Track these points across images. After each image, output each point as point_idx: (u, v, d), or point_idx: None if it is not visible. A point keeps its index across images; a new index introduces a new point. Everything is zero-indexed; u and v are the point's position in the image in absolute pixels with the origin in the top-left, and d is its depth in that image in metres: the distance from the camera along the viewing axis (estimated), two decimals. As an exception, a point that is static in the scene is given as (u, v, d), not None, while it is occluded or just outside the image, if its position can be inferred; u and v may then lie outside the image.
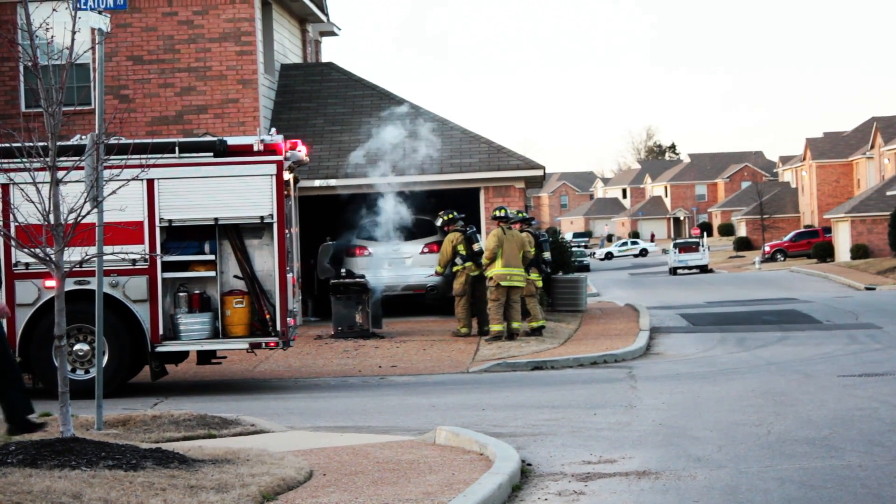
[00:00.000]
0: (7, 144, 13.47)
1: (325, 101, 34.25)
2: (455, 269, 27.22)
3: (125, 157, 14.30)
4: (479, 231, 30.52)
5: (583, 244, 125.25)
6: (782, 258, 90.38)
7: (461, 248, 27.13)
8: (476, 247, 27.30)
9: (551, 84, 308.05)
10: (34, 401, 18.31)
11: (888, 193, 78.45)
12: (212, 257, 19.79)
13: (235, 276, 19.93)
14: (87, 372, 19.52)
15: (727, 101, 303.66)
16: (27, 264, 19.06)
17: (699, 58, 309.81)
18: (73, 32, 12.61)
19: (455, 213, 27.93)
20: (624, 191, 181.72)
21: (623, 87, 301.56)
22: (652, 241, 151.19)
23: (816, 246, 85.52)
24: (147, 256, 19.37)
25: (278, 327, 19.73)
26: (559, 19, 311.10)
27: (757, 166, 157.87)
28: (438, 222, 28.25)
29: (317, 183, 30.98)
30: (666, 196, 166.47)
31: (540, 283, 28.98)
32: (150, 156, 15.37)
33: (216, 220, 19.69)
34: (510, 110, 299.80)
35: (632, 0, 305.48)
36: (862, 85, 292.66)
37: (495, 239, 26.15)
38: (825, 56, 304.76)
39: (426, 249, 31.19)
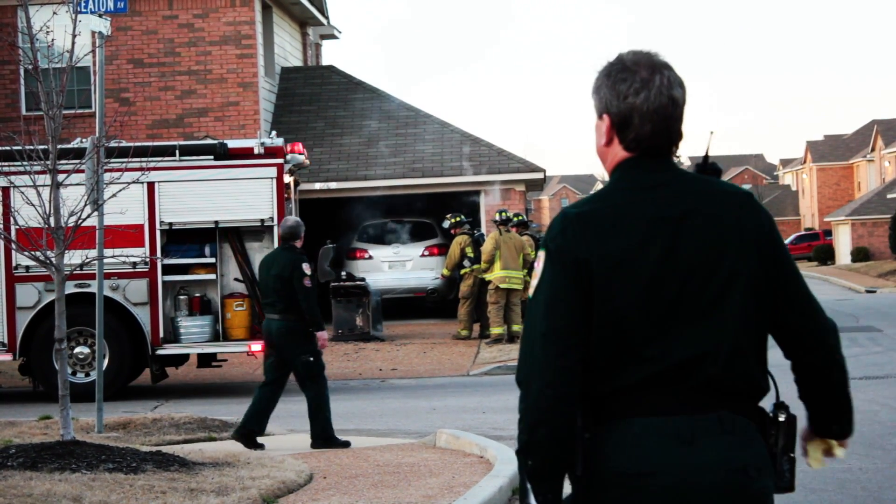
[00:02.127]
0: (7, 147, 13.47)
1: (325, 105, 34.26)
2: (463, 271, 27.23)
3: (126, 160, 14.30)
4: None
5: None
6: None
7: (469, 250, 27.15)
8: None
9: (552, 87, 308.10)
10: (35, 404, 18.39)
11: (889, 196, 78.41)
12: (212, 260, 19.79)
13: (236, 279, 19.94)
14: (87, 375, 19.51)
15: (727, 103, 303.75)
16: (27, 267, 19.06)
17: (698, 61, 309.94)
18: (74, 36, 12.61)
19: (462, 217, 27.96)
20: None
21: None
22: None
23: (817, 249, 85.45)
24: (147, 259, 19.37)
25: (279, 330, 19.69)
26: (560, 22, 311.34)
27: (757, 169, 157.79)
28: (445, 225, 28.27)
29: (317, 186, 30.98)
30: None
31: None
32: (150, 159, 15.36)
33: (217, 222, 19.68)
34: (511, 113, 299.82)
35: (632, 4, 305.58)
36: (862, 87, 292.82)
37: (492, 242, 26.17)
38: (826, 59, 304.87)
39: (426, 252, 31.20)
